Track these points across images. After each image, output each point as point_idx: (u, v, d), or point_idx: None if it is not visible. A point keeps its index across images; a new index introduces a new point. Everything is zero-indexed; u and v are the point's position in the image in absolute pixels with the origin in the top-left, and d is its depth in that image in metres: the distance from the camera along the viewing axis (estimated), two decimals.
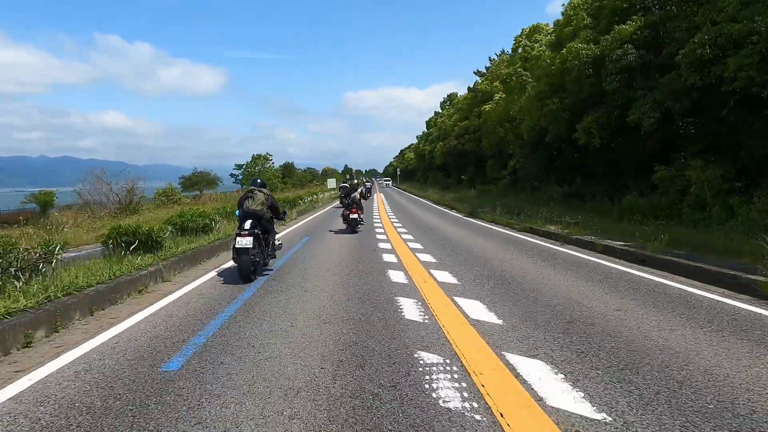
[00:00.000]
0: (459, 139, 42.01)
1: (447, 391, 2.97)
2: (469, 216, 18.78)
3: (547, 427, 2.52)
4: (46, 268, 5.28)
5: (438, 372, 3.29)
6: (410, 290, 5.88)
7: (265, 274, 7.05)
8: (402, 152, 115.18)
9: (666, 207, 13.07)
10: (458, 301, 5.27)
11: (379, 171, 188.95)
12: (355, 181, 20.74)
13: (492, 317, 4.62)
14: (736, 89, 10.65)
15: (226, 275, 7.13)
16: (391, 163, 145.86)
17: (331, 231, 13.45)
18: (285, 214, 8.21)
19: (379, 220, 17.12)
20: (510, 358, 3.52)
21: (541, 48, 22.53)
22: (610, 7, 15.89)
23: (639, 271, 6.95)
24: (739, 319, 4.50)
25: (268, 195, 7.15)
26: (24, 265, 4.99)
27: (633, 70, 14.12)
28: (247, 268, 6.38)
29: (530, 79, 22.26)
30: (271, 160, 52.61)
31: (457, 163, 45.53)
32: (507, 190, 29.99)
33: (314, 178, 77.53)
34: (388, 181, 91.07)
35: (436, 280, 6.51)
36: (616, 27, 14.69)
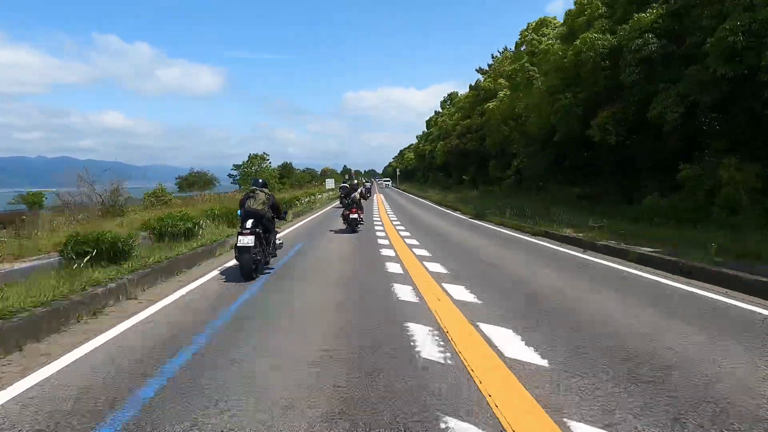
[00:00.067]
0: (461, 138, 41.00)
1: None
2: (475, 218, 17.74)
3: None
4: None
5: None
6: (422, 313, 4.84)
7: (267, 272, 7.12)
8: (401, 152, 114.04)
9: (692, 209, 12.03)
10: (484, 329, 4.23)
11: (378, 171, 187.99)
12: (355, 182, 20.01)
13: (534, 356, 3.56)
14: None
15: (204, 290, 6.09)
16: (390, 163, 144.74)
17: (331, 230, 13.52)
18: (286, 213, 8.31)
19: (381, 224, 16.08)
20: (577, 430, 2.48)
21: (549, 42, 21.52)
22: None
23: (693, 287, 5.90)
24: None
25: (269, 195, 7.23)
26: None
27: (654, 61, 13.10)
28: (249, 267, 6.47)
29: (537, 74, 21.24)
30: (268, 160, 51.53)
31: (458, 162, 44.49)
32: (511, 191, 28.96)
33: (313, 178, 76.47)
34: (388, 181, 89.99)
35: (451, 297, 5.47)
36: (635, 15, 13.67)
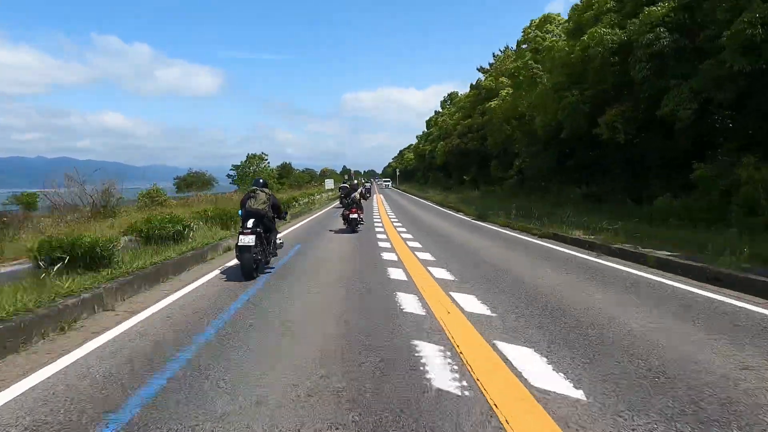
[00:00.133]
0: (462, 138, 40.50)
1: None
2: (478, 219, 17.22)
3: None
4: None
5: None
6: (431, 328, 4.32)
7: (267, 271, 7.19)
8: (401, 153, 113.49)
9: (706, 209, 11.52)
10: (504, 350, 3.70)
11: (377, 172, 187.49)
12: (355, 182, 19.64)
13: (565, 386, 3.04)
14: None
15: (190, 299, 5.56)
16: (389, 163, 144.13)
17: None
18: (286, 213, 8.39)
19: (381, 226, 15.55)
20: None
21: (553, 39, 21.03)
22: None
23: (723, 296, 5.38)
24: None
25: (270, 195, 7.27)
26: None
27: (666, 56, 12.59)
28: (250, 266, 6.50)
29: (542, 72, 20.73)
30: (266, 160, 50.95)
31: (458, 162, 43.99)
32: (513, 191, 28.45)
33: (312, 178, 75.96)
34: (388, 181, 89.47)
35: (461, 309, 4.95)
36: (646, 9, 13.15)
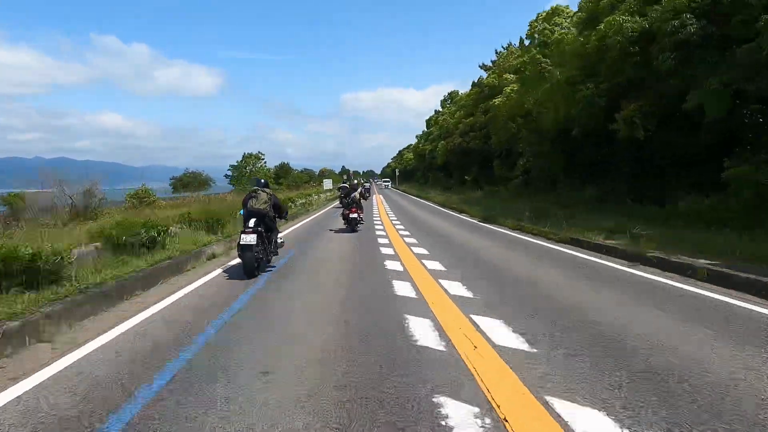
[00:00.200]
0: (464, 136, 39.48)
1: None
2: (485, 221, 16.20)
3: None
4: None
5: None
6: (458, 374, 3.25)
7: (269, 270, 7.25)
8: (400, 153, 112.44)
9: (739, 211, 10.51)
10: (562, 411, 2.66)
11: (376, 172, 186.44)
12: (355, 182, 18.79)
13: None
14: None
15: (154, 326, 4.49)
16: (389, 164, 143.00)
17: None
18: (287, 213, 8.46)
19: (382, 228, 14.49)
20: None
21: (563, 31, 20.04)
22: None
23: None
24: None
25: (271, 194, 7.38)
26: None
27: (692, 44, 11.57)
28: (252, 265, 6.59)
29: (550, 66, 19.73)
30: (263, 159, 49.84)
31: (460, 162, 42.96)
32: (519, 192, 27.42)
33: (311, 179, 74.93)
34: (387, 182, 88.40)
35: (491, 342, 3.89)
36: None
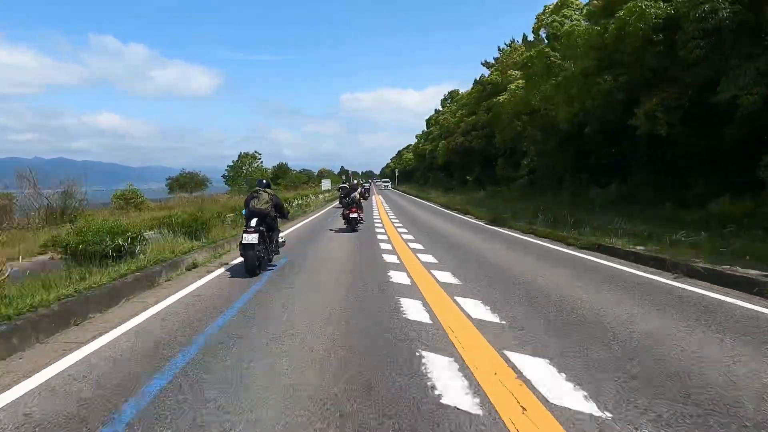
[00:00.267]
0: (466, 135, 38.48)
1: None
2: (493, 223, 15.21)
3: None
4: None
5: None
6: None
7: (270, 269, 7.28)
8: (400, 153, 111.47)
9: None
10: None
11: (375, 172, 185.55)
12: (355, 182, 17.92)
13: None
14: None
15: (106, 362, 3.44)
16: (388, 164, 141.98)
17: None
18: (288, 213, 8.49)
19: (384, 231, 13.47)
20: None
21: (572, 23, 19.09)
22: None
23: None
24: None
25: (272, 195, 7.44)
26: None
27: (724, 31, 10.59)
28: (253, 263, 6.68)
29: (560, 60, 18.75)
30: (259, 159, 48.73)
31: (461, 162, 41.98)
32: (524, 192, 26.44)
33: (309, 179, 73.94)
34: (387, 182, 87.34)
35: (547, 402, 2.90)
36: None
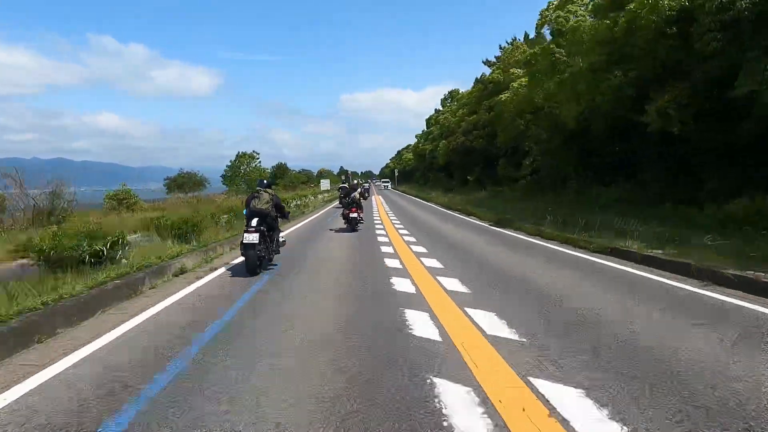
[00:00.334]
0: (467, 135, 37.96)
1: None
2: (498, 225, 14.71)
3: None
4: None
5: None
6: None
7: (270, 268, 7.35)
8: (399, 153, 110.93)
9: None
10: None
11: (375, 172, 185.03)
12: (355, 182, 17.55)
13: None
14: None
15: (59, 395, 2.91)
16: (387, 164, 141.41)
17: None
18: (288, 213, 8.48)
19: (382, 227, 12.94)
20: None
21: (578, 19, 18.58)
22: None
23: None
24: None
25: (273, 195, 7.50)
26: None
27: (743, 22, 10.09)
28: (254, 262, 6.81)
29: (565, 56, 18.27)
30: (257, 159, 48.19)
31: (462, 162, 41.45)
32: (527, 192, 25.93)
33: (309, 179, 73.41)
34: (387, 182, 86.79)
35: None
36: None
